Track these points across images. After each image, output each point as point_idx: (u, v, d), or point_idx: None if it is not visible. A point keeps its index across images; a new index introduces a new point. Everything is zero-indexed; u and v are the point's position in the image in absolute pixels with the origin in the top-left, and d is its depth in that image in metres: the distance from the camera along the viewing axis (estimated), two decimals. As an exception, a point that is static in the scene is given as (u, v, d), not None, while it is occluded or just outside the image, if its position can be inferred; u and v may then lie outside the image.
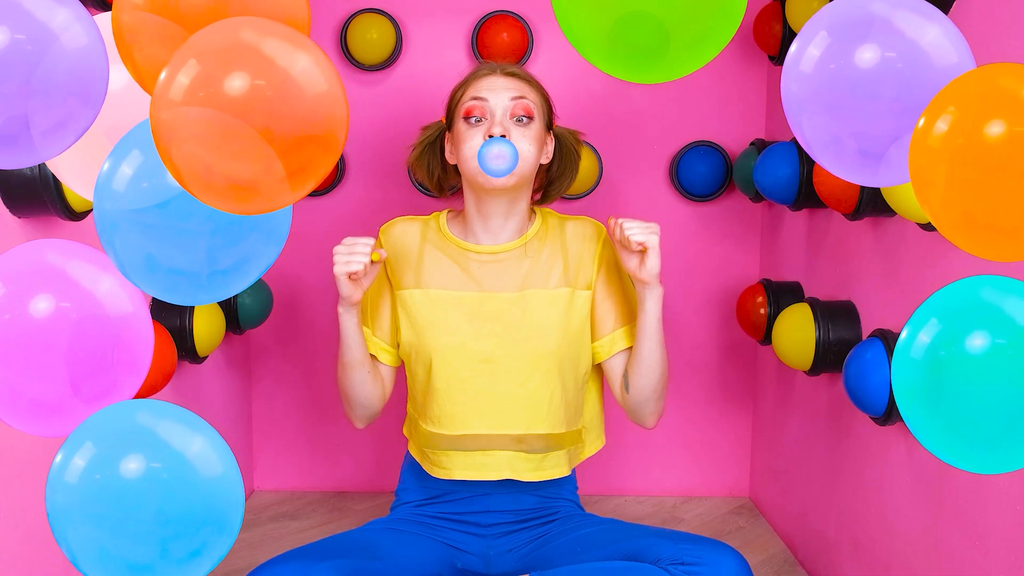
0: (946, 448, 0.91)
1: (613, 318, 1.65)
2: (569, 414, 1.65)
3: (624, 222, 1.53)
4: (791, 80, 0.95)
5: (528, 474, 1.63)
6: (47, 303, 0.91)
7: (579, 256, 1.66)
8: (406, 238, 1.67)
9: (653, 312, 1.57)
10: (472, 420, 1.61)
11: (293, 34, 0.81)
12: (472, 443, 1.61)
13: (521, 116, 1.57)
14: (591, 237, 1.68)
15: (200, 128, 0.78)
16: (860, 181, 0.98)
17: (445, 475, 1.64)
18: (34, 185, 1.37)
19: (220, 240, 0.90)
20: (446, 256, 1.65)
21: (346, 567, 1.44)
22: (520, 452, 1.62)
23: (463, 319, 1.61)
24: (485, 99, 1.57)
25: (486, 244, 1.64)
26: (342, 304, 1.55)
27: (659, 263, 1.53)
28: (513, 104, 1.57)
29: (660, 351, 1.60)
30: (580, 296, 1.64)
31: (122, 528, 0.89)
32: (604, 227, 1.70)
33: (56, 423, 0.94)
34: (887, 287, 1.72)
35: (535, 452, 1.63)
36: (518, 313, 1.61)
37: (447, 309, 1.61)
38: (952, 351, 0.88)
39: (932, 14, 0.92)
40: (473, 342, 1.60)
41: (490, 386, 1.60)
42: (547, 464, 1.64)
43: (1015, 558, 1.30)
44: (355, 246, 1.50)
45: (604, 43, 0.93)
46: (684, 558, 1.42)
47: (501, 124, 1.55)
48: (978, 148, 0.82)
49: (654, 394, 1.63)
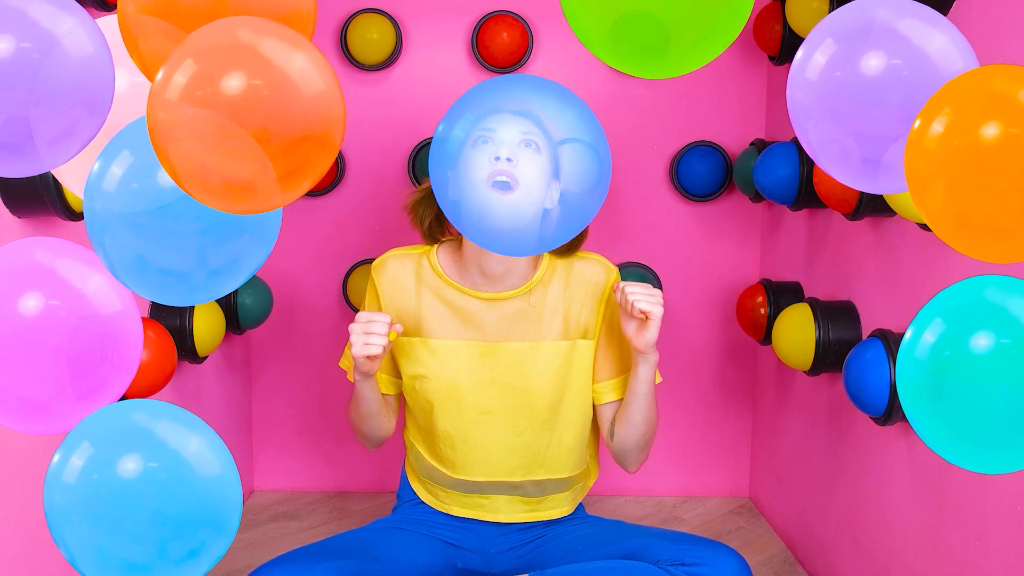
0: (950, 448, 0.91)
1: (609, 366, 1.62)
2: (572, 458, 1.63)
3: (627, 287, 1.48)
4: (797, 87, 0.95)
5: (525, 515, 1.65)
6: (36, 301, 0.91)
7: (584, 303, 1.59)
8: (401, 280, 1.60)
9: (645, 378, 1.55)
10: (470, 468, 1.60)
11: (290, 34, 0.81)
12: (470, 487, 1.62)
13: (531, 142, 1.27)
14: (600, 283, 1.60)
15: (197, 127, 0.78)
16: (865, 188, 0.98)
17: (444, 509, 1.67)
18: (34, 185, 1.37)
19: (210, 240, 0.90)
20: (443, 304, 1.58)
21: (346, 568, 1.44)
22: (517, 497, 1.63)
23: (463, 370, 1.57)
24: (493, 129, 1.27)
25: (485, 291, 1.56)
26: (360, 375, 1.52)
27: (657, 333, 1.50)
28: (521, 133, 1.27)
29: (648, 411, 1.59)
30: (581, 346, 1.59)
31: (120, 528, 0.88)
32: (615, 271, 1.63)
33: (46, 421, 0.94)
34: (887, 287, 1.72)
35: (532, 496, 1.63)
36: (517, 365, 1.56)
37: (446, 360, 1.57)
38: (956, 351, 0.88)
39: (937, 21, 0.91)
40: (472, 395, 1.57)
41: (488, 436, 1.58)
42: (544, 506, 1.65)
43: (1015, 558, 1.30)
44: (371, 325, 1.45)
45: (608, 37, 0.94)
46: (684, 558, 1.42)
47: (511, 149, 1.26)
48: (974, 150, 0.82)
49: (637, 447, 1.62)
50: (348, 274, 2.44)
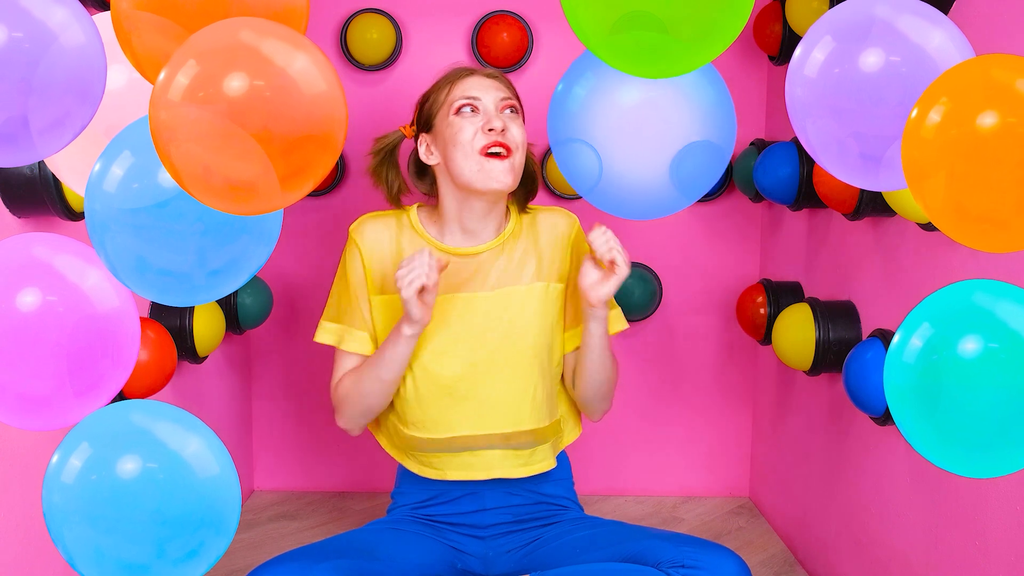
0: (939, 452, 0.91)
1: (572, 314, 1.67)
2: (550, 406, 1.66)
3: (612, 234, 1.51)
4: (795, 84, 0.95)
5: (518, 470, 1.63)
6: (34, 297, 0.91)
7: (552, 249, 1.66)
8: (380, 240, 1.64)
9: (597, 332, 1.58)
10: (457, 423, 1.61)
11: (292, 34, 0.81)
12: (459, 444, 1.62)
13: (511, 108, 1.57)
14: (564, 229, 1.67)
15: (199, 128, 0.78)
16: (864, 185, 0.98)
17: (439, 476, 1.65)
18: (34, 185, 1.37)
19: (211, 241, 0.90)
20: None
21: (346, 568, 1.44)
22: (508, 450, 1.62)
23: (442, 323, 1.59)
24: (477, 97, 1.56)
25: (464, 246, 1.63)
26: (412, 327, 1.50)
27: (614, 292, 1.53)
28: (502, 102, 1.57)
29: (602, 364, 1.61)
30: (554, 289, 1.65)
31: (118, 528, 0.89)
32: (576, 218, 1.70)
33: (45, 417, 0.94)
34: (887, 287, 1.72)
35: (523, 448, 1.63)
36: (496, 312, 1.60)
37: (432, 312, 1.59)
38: (945, 355, 0.88)
39: (936, 17, 0.91)
40: (453, 347, 1.59)
41: (473, 389, 1.59)
42: (535, 459, 1.65)
43: (1015, 558, 1.30)
44: (413, 261, 1.46)
45: (608, 37, 0.94)
46: (685, 561, 1.41)
47: (499, 118, 1.54)
48: (971, 139, 0.82)
49: (596, 397, 1.66)
50: (348, 274, 2.44)
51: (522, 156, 1.56)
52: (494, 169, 1.52)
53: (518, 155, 1.54)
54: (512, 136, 1.54)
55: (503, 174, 1.53)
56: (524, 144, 1.56)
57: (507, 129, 1.54)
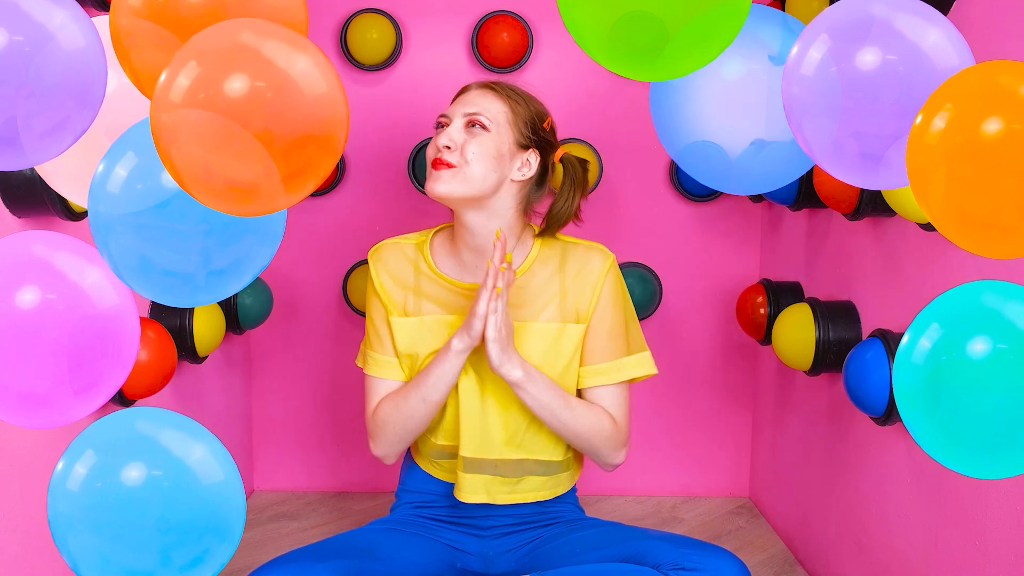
0: (947, 453, 0.91)
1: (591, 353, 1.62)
2: (553, 440, 1.63)
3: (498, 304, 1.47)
4: (792, 83, 0.95)
5: (502, 497, 1.62)
6: (33, 295, 0.91)
7: (580, 287, 1.60)
8: (401, 269, 1.63)
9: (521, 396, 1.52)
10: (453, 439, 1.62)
11: (293, 35, 0.81)
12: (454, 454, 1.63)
13: (473, 123, 1.53)
14: (597, 269, 1.60)
15: (200, 130, 0.78)
16: (861, 183, 0.98)
17: (445, 477, 1.67)
18: (34, 185, 1.37)
19: (214, 241, 0.90)
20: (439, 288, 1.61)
21: (346, 567, 1.44)
22: (496, 476, 1.61)
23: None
24: (447, 116, 1.57)
25: (467, 280, 1.60)
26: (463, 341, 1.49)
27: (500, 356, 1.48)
28: (466, 118, 1.54)
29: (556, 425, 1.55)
30: (572, 329, 1.59)
31: (123, 536, 0.88)
32: (613, 257, 1.63)
33: (45, 415, 0.94)
34: (887, 287, 1.72)
35: (510, 477, 1.62)
36: None
37: (443, 338, 1.59)
38: (953, 356, 0.88)
39: (933, 16, 0.92)
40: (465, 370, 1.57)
41: (472, 412, 1.58)
42: (521, 488, 1.64)
43: (1015, 558, 1.30)
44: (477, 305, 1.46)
45: (606, 39, 0.93)
46: (685, 563, 1.41)
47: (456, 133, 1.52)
48: (976, 145, 0.82)
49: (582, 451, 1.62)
50: (348, 274, 2.44)
51: (476, 168, 1.51)
52: (433, 177, 1.52)
53: (467, 168, 1.50)
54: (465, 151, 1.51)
55: (437, 182, 1.51)
56: (482, 157, 1.51)
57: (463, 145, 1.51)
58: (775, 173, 1.16)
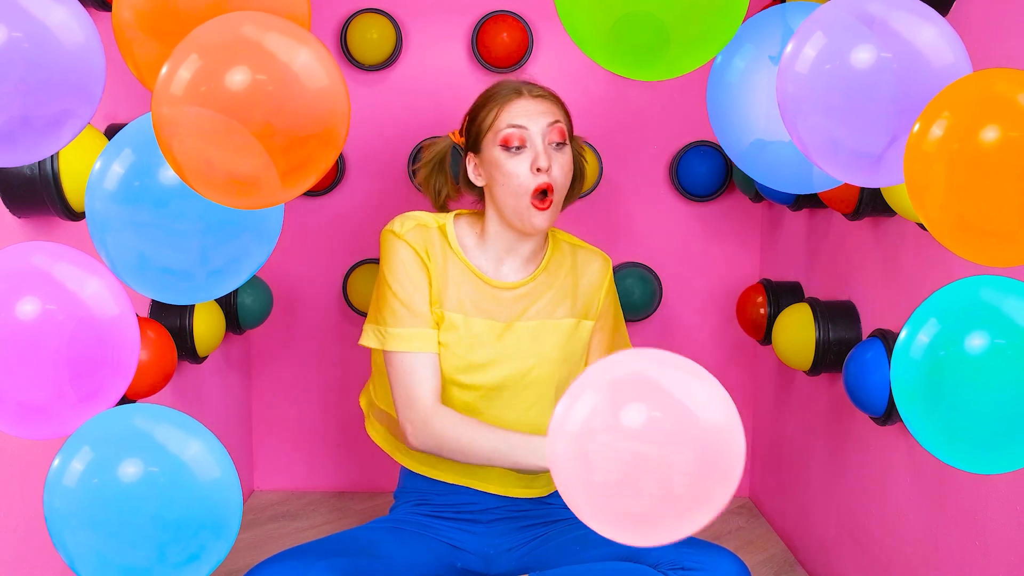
0: (945, 448, 0.91)
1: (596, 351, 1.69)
2: None
3: None
4: (787, 81, 0.95)
5: (518, 491, 1.65)
6: (33, 306, 0.91)
7: (590, 289, 1.68)
8: (432, 248, 1.59)
9: None
10: None
11: (294, 29, 0.81)
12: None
13: (558, 142, 1.55)
14: (600, 272, 1.70)
15: (201, 123, 0.78)
16: (855, 182, 0.98)
17: (440, 476, 1.67)
18: (34, 185, 1.37)
19: (212, 239, 0.90)
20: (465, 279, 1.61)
21: (345, 566, 1.44)
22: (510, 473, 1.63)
23: (475, 344, 1.59)
24: (524, 127, 1.53)
25: (507, 280, 1.62)
26: None
27: None
28: (550, 130, 1.54)
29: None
30: (584, 325, 1.67)
31: (120, 532, 0.88)
32: (610, 261, 1.73)
33: (46, 425, 0.94)
34: (887, 287, 1.72)
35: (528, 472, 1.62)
36: (525, 343, 1.61)
37: (465, 335, 1.59)
38: (951, 351, 0.88)
39: (928, 14, 0.92)
40: (481, 373, 1.59)
41: (492, 411, 1.60)
42: (538, 483, 1.67)
43: (1015, 558, 1.30)
44: None
45: (605, 40, 0.93)
46: (684, 562, 1.42)
47: (546, 154, 1.52)
48: (973, 153, 0.82)
49: None
50: (348, 274, 2.44)
51: (562, 193, 1.55)
52: (536, 216, 1.54)
53: (559, 194, 1.55)
54: (554, 176, 1.53)
55: (543, 220, 1.54)
56: (567, 177, 1.56)
57: (551, 168, 1.53)
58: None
